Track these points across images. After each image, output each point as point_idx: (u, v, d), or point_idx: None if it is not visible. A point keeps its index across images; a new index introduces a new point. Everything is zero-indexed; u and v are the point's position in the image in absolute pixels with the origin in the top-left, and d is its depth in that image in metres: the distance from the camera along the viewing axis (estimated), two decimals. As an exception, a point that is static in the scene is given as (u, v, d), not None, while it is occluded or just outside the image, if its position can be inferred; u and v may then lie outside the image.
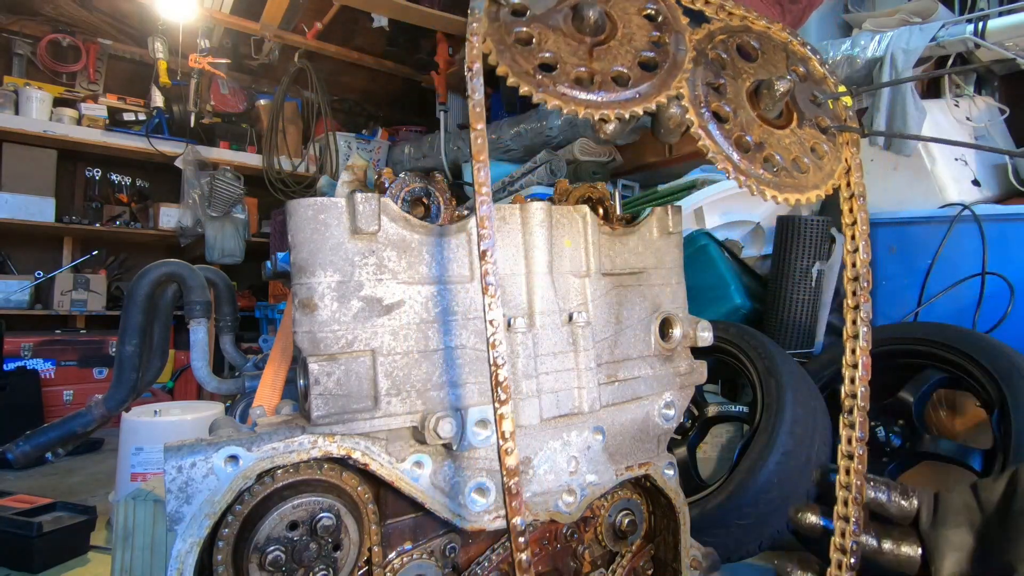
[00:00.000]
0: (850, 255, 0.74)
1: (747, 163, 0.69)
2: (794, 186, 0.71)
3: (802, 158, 0.73)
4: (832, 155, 0.76)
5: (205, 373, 2.03)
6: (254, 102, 5.13)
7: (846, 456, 0.67)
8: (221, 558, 0.66)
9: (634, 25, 0.70)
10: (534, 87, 0.63)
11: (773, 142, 0.72)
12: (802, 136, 0.75)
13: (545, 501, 0.83)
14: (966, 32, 2.14)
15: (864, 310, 0.70)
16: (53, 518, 1.99)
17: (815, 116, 0.77)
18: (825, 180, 0.74)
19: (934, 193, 2.24)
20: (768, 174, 0.70)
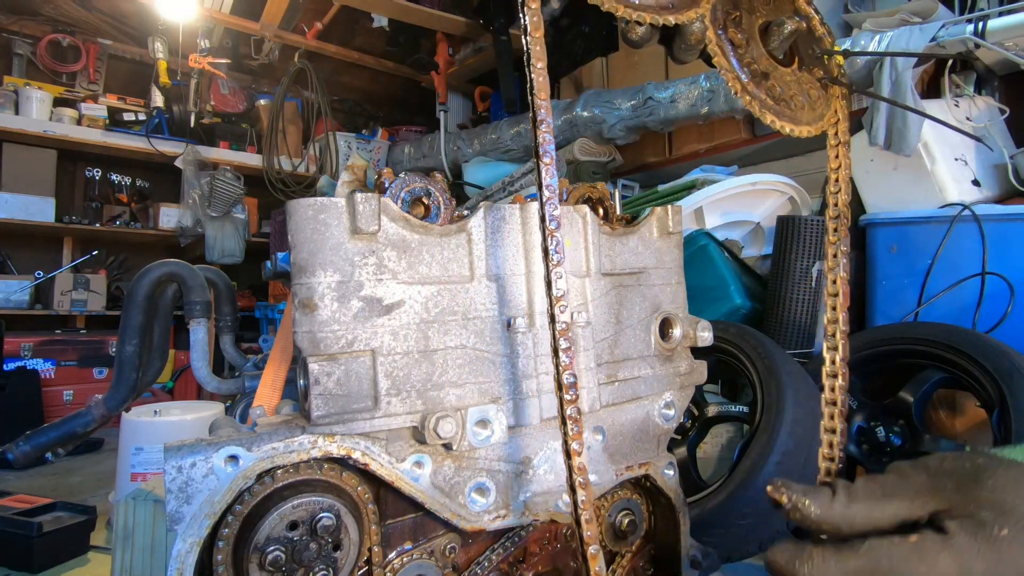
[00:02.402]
0: (832, 195, 0.80)
1: (753, 86, 0.77)
2: (791, 118, 0.79)
3: (798, 96, 0.82)
4: (823, 101, 0.84)
5: (205, 373, 2.03)
6: (254, 102, 5.13)
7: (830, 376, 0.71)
8: (221, 558, 0.66)
9: None
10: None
11: (777, 76, 0.80)
12: (800, 78, 0.83)
13: (545, 501, 0.83)
14: (966, 32, 2.14)
15: (844, 244, 0.77)
16: (53, 518, 1.99)
17: (813, 66, 0.85)
18: (815, 121, 0.82)
19: (934, 193, 2.24)
20: (771, 100, 0.78)
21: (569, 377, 0.62)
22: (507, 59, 4.31)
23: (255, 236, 4.97)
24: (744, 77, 0.77)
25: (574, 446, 0.61)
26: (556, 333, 0.63)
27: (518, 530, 0.88)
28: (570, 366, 0.63)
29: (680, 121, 3.00)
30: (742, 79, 0.77)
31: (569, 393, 0.62)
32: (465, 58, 4.89)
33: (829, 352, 0.73)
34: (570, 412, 0.62)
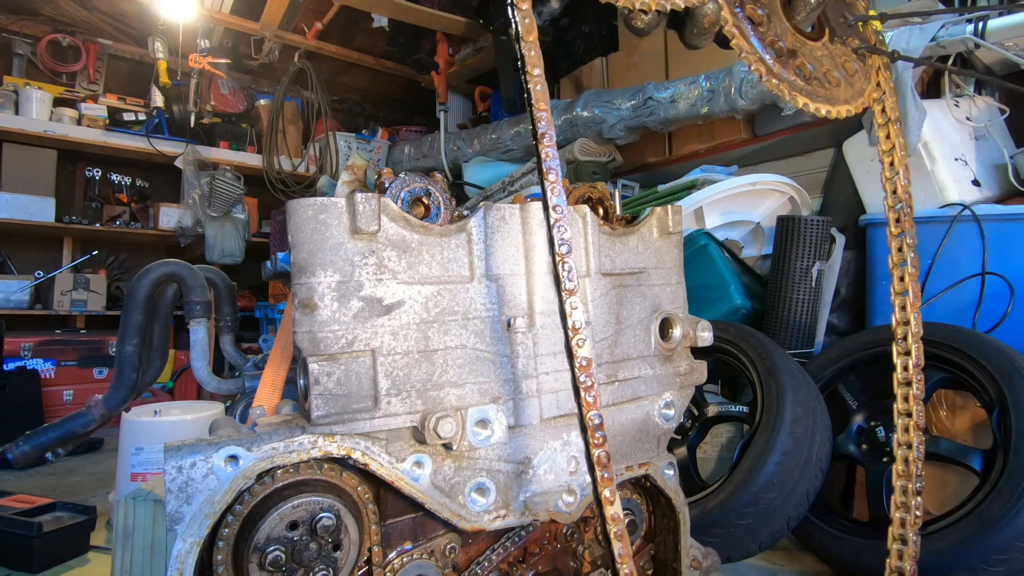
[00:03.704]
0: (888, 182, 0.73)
1: (780, 67, 0.69)
2: (826, 97, 0.71)
3: (833, 72, 0.73)
4: (862, 74, 0.75)
5: (205, 373, 2.03)
6: (254, 102, 5.13)
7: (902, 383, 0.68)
8: (221, 558, 0.66)
9: None
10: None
11: (806, 52, 0.72)
12: (833, 51, 0.74)
13: (545, 501, 0.83)
14: (966, 32, 2.14)
15: (910, 235, 0.70)
16: (53, 518, 1.99)
17: (846, 36, 0.76)
18: (855, 98, 0.73)
19: (934, 193, 2.24)
20: (801, 80, 0.70)
21: (585, 379, 0.62)
22: (507, 59, 4.31)
23: (255, 236, 4.97)
24: (768, 58, 0.69)
25: (593, 423, 0.61)
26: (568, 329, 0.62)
27: (518, 530, 0.88)
28: (587, 368, 0.63)
29: (680, 121, 3.00)
30: (767, 61, 0.69)
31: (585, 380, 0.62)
32: (465, 58, 4.90)
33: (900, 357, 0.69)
34: (587, 397, 0.61)
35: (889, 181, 0.73)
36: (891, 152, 0.73)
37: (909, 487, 0.68)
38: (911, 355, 0.69)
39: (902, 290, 0.70)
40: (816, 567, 1.77)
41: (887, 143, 0.74)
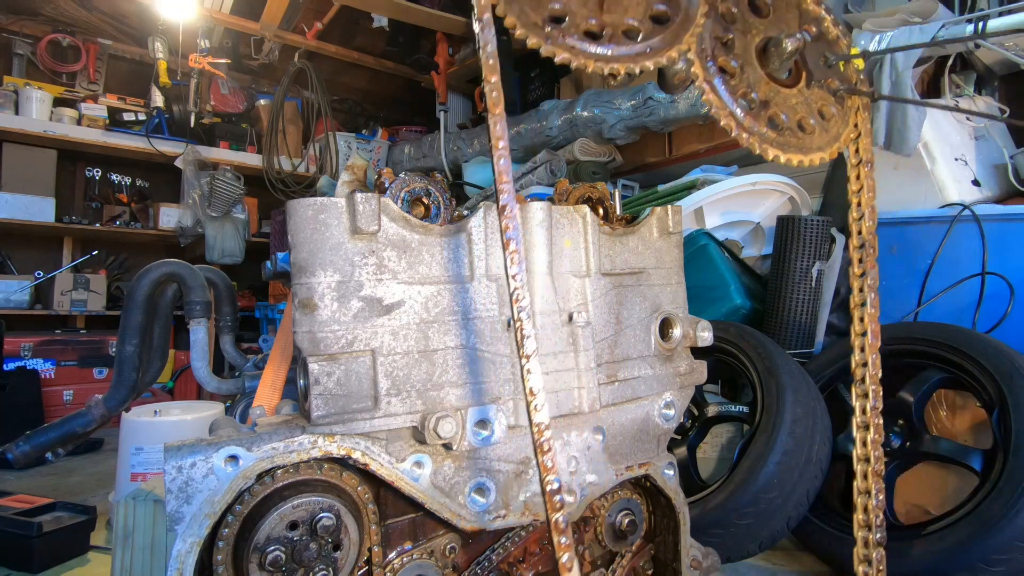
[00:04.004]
0: (855, 223, 0.73)
1: (751, 120, 0.68)
2: (798, 146, 0.71)
3: (808, 119, 0.72)
4: (840, 118, 0.74)
5: (205, 373, 2.03)
6: (254, 102, 5.13)
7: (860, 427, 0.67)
8: (221, 558, 0.66)
9: None
10: (542, 39, 0.61)
11: (779, 101, 0.71)
12: (809, 97, 0.73)
13: (545, 501, 0.83)
14: (966, 32, 2.14)
15: (871, 276, 0.70)
16: (53, 518, 1.99)
17: (825, 78, 0.75)
18: (830, 143, 0.73)
19: (934, 193, 2.24)
20: (772, 132, 0.69)
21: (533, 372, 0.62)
22: (507, 59, 4.31)
23: (255, 236, 4.97)
24: (740, 112, 0.68)
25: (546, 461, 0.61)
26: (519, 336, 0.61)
27: (518, 530, 0.88)
28: (531, 355, 0.62)
29: (680, 121, 3.00)
30: (737, 116, 0.68)
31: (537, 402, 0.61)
32: (465, 58, 4.90)
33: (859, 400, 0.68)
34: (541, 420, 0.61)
35: (855, 223, 0.72)
36: (860, 193, 0.72)
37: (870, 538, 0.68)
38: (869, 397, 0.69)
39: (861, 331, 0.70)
40: (816, 567, 1.77)
41: (856, 183, 0.73)
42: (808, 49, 0.74)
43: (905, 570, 1.47)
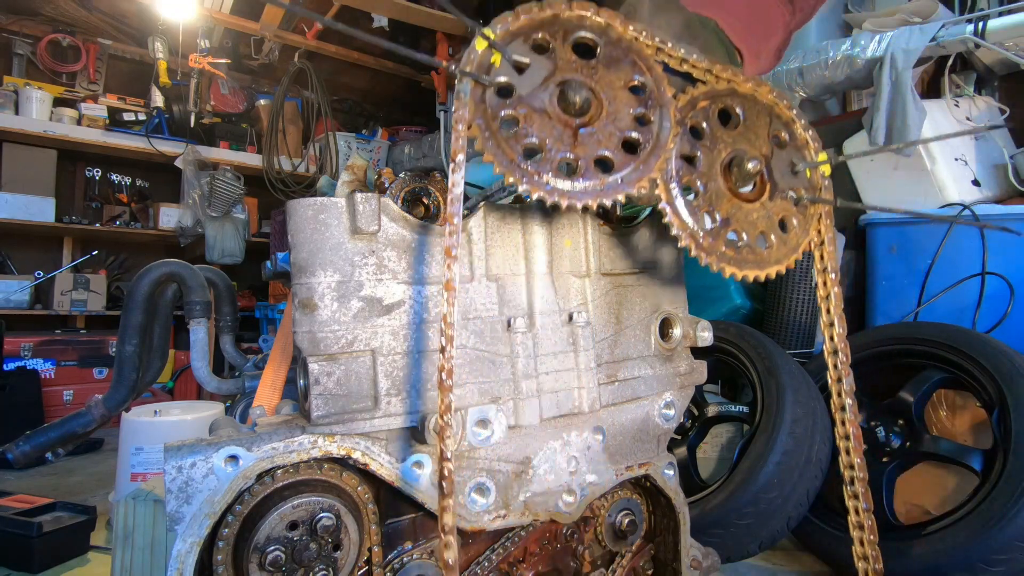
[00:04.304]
0: (827, 328, 0.74)
1: (710, 240, 0.70)
2: (755, 262, 0.72)
3: (769, 233, 0.73)
4: (801, 228, 0.76)
5: (205, 373, 2.03)
6: (254, 102, 5.13)
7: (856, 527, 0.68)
8: (221, 558, 0.66)
9: (620, 101, 0.68)
10: (519, 178, 0.62)
11: (740, 217, 0.72)
12: (772, 209, 0.74)
13: (545, 501, 0.83)
14: (966, 32, 2.14)
15: (847, 383, 0.71)
16: (53, 518, 1.99)
17: (790, 186, 0.75)
18: (788, 255, 0.75)
19: (934, 193, 2.24)
20: (730, 251, 0.70)
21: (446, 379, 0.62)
22: (507, 59, 4.30)
23: (255, 236, 4.97)
24: (700, 234, 0.69)
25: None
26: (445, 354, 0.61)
27: (518, 530, 0.88)
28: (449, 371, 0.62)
29: (680, 121, 3.00)
30: (697, 238, 0.69)
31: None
32: (465, 58, 4.89)
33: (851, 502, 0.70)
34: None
35: (827, 327, 0.72)
36: (828, 299, 0.73)
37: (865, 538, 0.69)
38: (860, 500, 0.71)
39: (844, 434, 0.72)
40: (816, 567, 1.77)
41: (824, 289, 0.74)
42: (776, 158, 0.75)
43: (905, 570, 1.47)
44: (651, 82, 0.70)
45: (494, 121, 0.63)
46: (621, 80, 0.68)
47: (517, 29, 0.66)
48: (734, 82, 0.76)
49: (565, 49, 0.67)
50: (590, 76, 0.67)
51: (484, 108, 0.63)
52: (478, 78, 0.62)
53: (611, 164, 0.66)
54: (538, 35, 0.66)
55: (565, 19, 0.67)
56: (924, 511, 1.73)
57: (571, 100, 0.64)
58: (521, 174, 0.62)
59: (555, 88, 0.65)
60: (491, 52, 0.64)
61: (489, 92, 0.63)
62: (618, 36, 0.70)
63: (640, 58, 0.70)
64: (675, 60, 0.73)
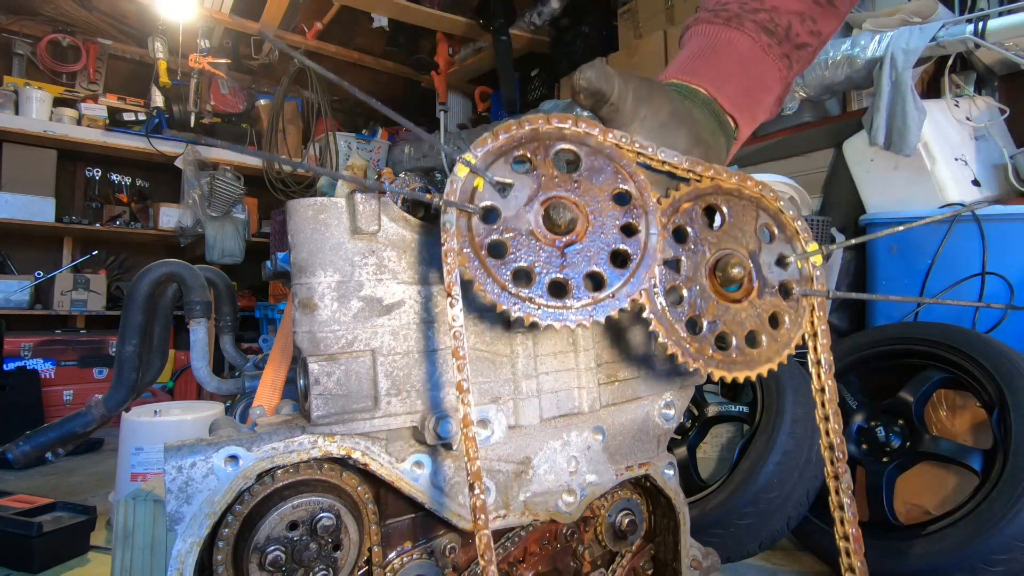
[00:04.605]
0: (823, 423, 0.73)
1: (697, 346, 0.69)
2: (745, 363, 0.71)
3: (759, 332, 0.72)
4: (793, 323, 0.75)
5: (205, 373, 2.03)
6: (254, 102, 5.13)
7: None
8: (221, 558, 0.66)
9: (605, 213, 0.67)
10: (511, 306, 0.63)
11: (728, 319, 0.71)
12: (761, 307, 0.73)
13: (545, 501, 0.83)
14: (966, 32, 2.14)
15: (845, 481, 0.70)
16: (53, 518, 1.99)
17: (780, 280, 0.74)
18: (780, 351, 0.73)
19: (934, 193, 2.24)
20: (719, 355, 0.69)
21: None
22: (507, 59, 4.31)
23: (255, 236, 4.97)
24: (685, 343, 0.68)
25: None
26: None
27: (518, 530, 0.88)
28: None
29: (680, 121, 2.99)
30: (683, 345, 0.68)
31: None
32: (465, 58, 4.90)
33: None
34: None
35: (822, 421, 0.72)
36: (823, 392, 0.72)
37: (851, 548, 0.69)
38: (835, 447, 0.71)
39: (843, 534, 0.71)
40: (816, 567, 1.78)
41: (819, 382, 0.73)
42: (764, 252, 0.74)
43: (905, 570, 1.47)
44: (635, 189, 0.69)
45: (482, 250, 0.63)
46: (605, 191, 0.68)
47: (497, 149, 0.66)
48: (717, 179, 0.75)
49: (547, 164, 0.67)
50: (574, 190, 0.67)
51: (471, 236, 0.64)
52: (463, 207, 0.63)
53: (602, 279, 0.66)
54: (519, 152, 0.67)
55: (544, 133, 0.68)
56: (924, 511, 1.73)
57: (557, 221, 0.65)
58: (512, 301, 0.63)
59: (540, 207, 0.66)
60: (474, 176, 0.64)
61: (475, 219, 0.64)
62: (598, 144, 0.70)
63: (622, 165, 0.70)
64: (656, 162, 0.73)
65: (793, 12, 0.87)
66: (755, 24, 0.86)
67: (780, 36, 0.87)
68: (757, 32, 0.85)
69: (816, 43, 0.91)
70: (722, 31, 0.87)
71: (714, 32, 0.88)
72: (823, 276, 0.76)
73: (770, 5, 0.87)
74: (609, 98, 0.73)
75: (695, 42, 0.90)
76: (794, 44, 0.88)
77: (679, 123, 0.78)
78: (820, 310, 0.75)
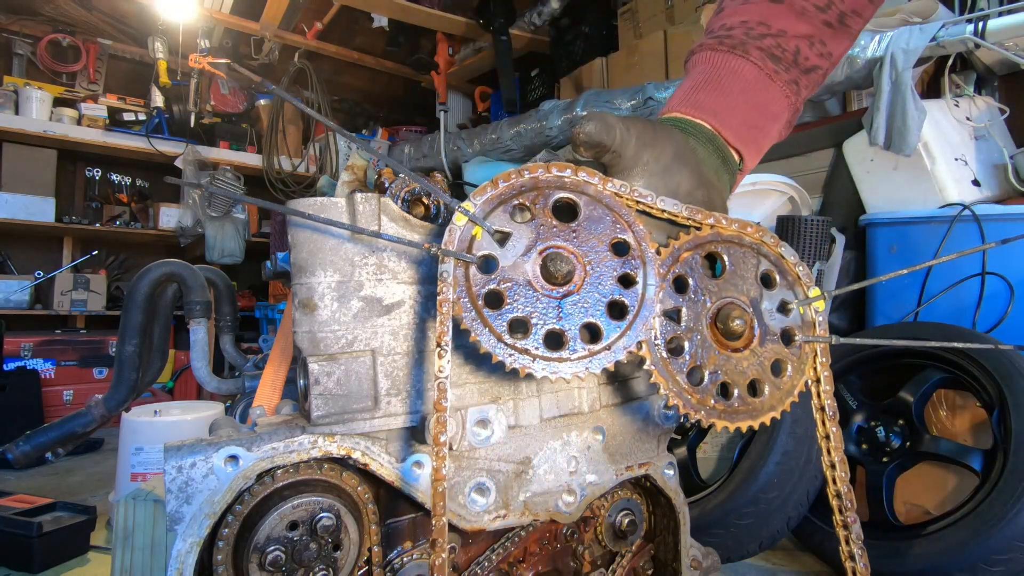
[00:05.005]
0: (829, 470, 0.72)
1: (699, 397, 0.68)
2: (748, 413, 0.70)
3: (761, 381, 0.72)
4: (796, 370, 0.74)
5: (205, 373, 2.03)
6: (254, 102, 5.13)
7: None
8: (221, 558, 0.66)
9: (603, 263, 0.67)
10: (506, 357, 0.63)
11: (729, 368, 0.70)
12: (763, 355, 0.72)
13: (545, 501, 0.83)
14: (966, 32, 2.14)
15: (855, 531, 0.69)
16: (53, 518, 1.99)
17: (782, 327, 0.74)
18: (783, 399, 0.73)
19: (934, 193, 2.24)
20: (720, 405, 0.69)
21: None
22: (507, 59, 4.31)
23: (255, 236, 4.97)
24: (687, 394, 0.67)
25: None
26: None
27: (518, 530, 0.88)
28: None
29: (680, 121, 2.99)
30: (684, 397, 0.67)
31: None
32: (465, 58, 4.90)
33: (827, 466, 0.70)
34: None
35: (828, 468, 0.71)
36: (827, 440, 0.71)
37: None
38: None
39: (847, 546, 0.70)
40: (816, 567, 1.78)
41: (823, 429, 0.72)
42: (765, 299, 0.73)
43: (905, 570, 1.47)
44: (633, 239, 0.69)
45: (478, 300, 0.64)
46: (603, 240, 0.68)
47: (497, 198, 0.67)
48: (718, 226, 0.75)
49: (545, 213, 0.67)
50: (572, 239, 0.67)
51: (468, 285, 0.64)
52: (461, 256, 0.63)
53: (599, 330, 0.66)
54: (518, 201, 0.67)
55: (544, 182, 0.68)
56: (924, 511, 1.73)
57: (554, 273, 0.65)
58: (508, 353, 0.63)
59: (538, 257, 0.66)
60: (472, 225, 0.65)
61: (472, 268, 0.64)
62: (597, 193, 0.69)
63: (620, 215, 0.70)
64: (656, 211, 0.73)
65: (802, 36, 0.85)
66: (760, 51, 0.83)
67: (787, 62, 0.84)
68: (763, 59, 0.83)
69: (827, 65, 0.88)
70: (727, 59, 0.85)
71: (718, 60, 0.85)
72: (825, 322, 0.76)
73: (777, 29, 0.84)
74: (610, 147, 0.72)
75: (699, 71, 0.88)
76: (802, 69, 0.86)
77: (682, 164, 0.77)
78: (823, 356, 0.75)
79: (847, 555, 0.70)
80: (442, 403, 0.62)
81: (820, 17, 0.86)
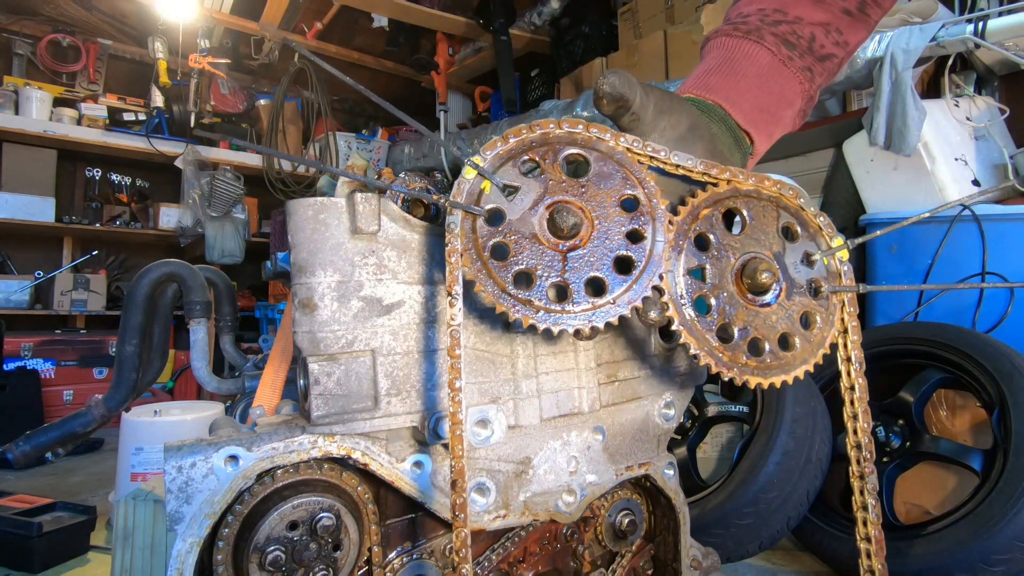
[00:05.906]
0: (851, 421, 0.71)
1: (730, 354, 0.67)
2: (780, 368, 0.69)
3: (792, 335, 0.70)
4: (825, 321, 0.73)
5: (205, 373, 2.03)
6: (254, 102, 5.13)
7: None
8: (221, 558, 0.66)
9: (611, 219, 0.67)
10: (510, 307, 0.63)
11: (759, 323, 0.69)
12: (791, 308, 0.71)
13: (545, 501, 0.83)
14: (966, 32, 2.14)
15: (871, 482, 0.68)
16: (53, 518, 1.99)
17: (808, 279, 0.73)
18: (815, 351, 0.71)
19: (934, 193, 2.24)
20: (752, 362, 0.68)
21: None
22: (507, 59, 4.31)
23: (255, 236, 4.97)
24: (719, 350, 0.66)
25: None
26: None
27: (518, 530, 0.88)
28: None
29: (680, 121, 2.99)
30: (716, 356, 0.66)
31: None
32: (465, 58, 4.90)
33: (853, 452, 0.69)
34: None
35: (850, 419, 0.69)
36: (852, 391, 0.70)
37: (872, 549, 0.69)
38: None
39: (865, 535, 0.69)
40: (816, 567, 1.78)
41: (848, 380, 0.70)
42: (788, 252, 0.73)
43: (905, 570, 1.47)
44: (643, 195, 0.68)
45: (484, 251, 0.64)
46: (612, 196, 0.67)
47: (507, 153, 0.67)
48: (734, 181, 0.74)
49: (555, 169, 0.67)
50: (580, 195, 0.67)
51: (475, 238, 0.64)
52: (468, 208, 0.63)
53: (603, 285, 0.65)
54: (528, 156, 0.67)
55: (555, 137, 0.67)
56: (924, 511, 1.73)
57: (560, 226, 0.65)
58: (511, 303, 0.63)
59: (545, 211, 0.65)
60: (481, 179, 0.65)
61: (479, 220, 0.64)
62: (608, 150, 0.69)
63: (631, 171, 0.69)
64: (670, 166, 0.72)
65: (817, 23, 0.85)
66: (775, 37, 0.84)
67: (802, 48, 0.84)
68: (777, 45, 0.83)
69: (843, 53, 0.88)
70: (741, 44, 0.85)
71: (733, 45, 0.86)
72: (851, 271, 0.75)
73: (793, 16, 0.84)
74: (631, 106, 0.72)
75: (713, 55, 0.88)
76: (817, 56, 0.86)
77: (697, 137, 0.77)
78: (851, 306, 0.74)
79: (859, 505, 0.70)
80: (455, 350, 0.62)
81: (840, 5, 0.87)
